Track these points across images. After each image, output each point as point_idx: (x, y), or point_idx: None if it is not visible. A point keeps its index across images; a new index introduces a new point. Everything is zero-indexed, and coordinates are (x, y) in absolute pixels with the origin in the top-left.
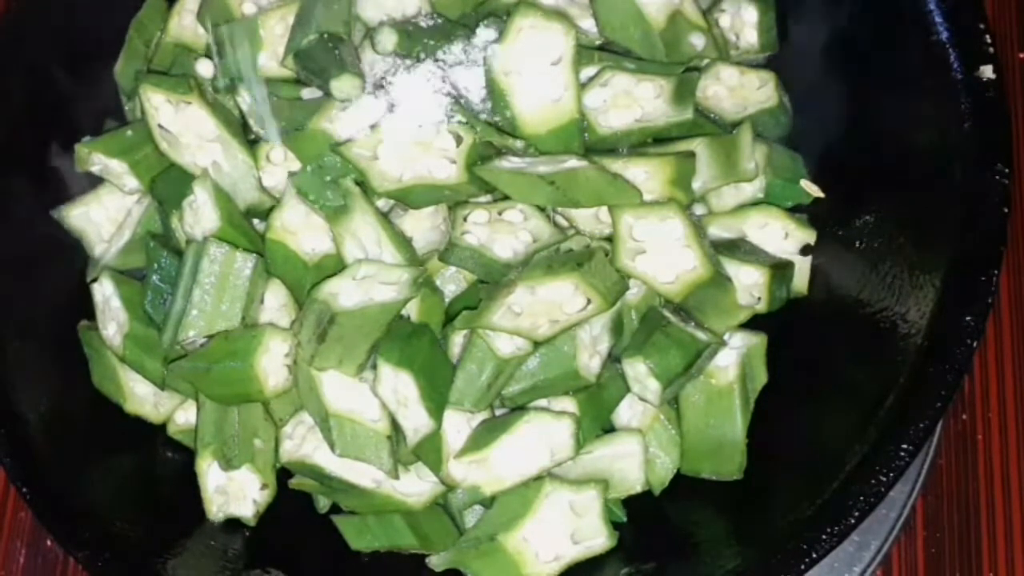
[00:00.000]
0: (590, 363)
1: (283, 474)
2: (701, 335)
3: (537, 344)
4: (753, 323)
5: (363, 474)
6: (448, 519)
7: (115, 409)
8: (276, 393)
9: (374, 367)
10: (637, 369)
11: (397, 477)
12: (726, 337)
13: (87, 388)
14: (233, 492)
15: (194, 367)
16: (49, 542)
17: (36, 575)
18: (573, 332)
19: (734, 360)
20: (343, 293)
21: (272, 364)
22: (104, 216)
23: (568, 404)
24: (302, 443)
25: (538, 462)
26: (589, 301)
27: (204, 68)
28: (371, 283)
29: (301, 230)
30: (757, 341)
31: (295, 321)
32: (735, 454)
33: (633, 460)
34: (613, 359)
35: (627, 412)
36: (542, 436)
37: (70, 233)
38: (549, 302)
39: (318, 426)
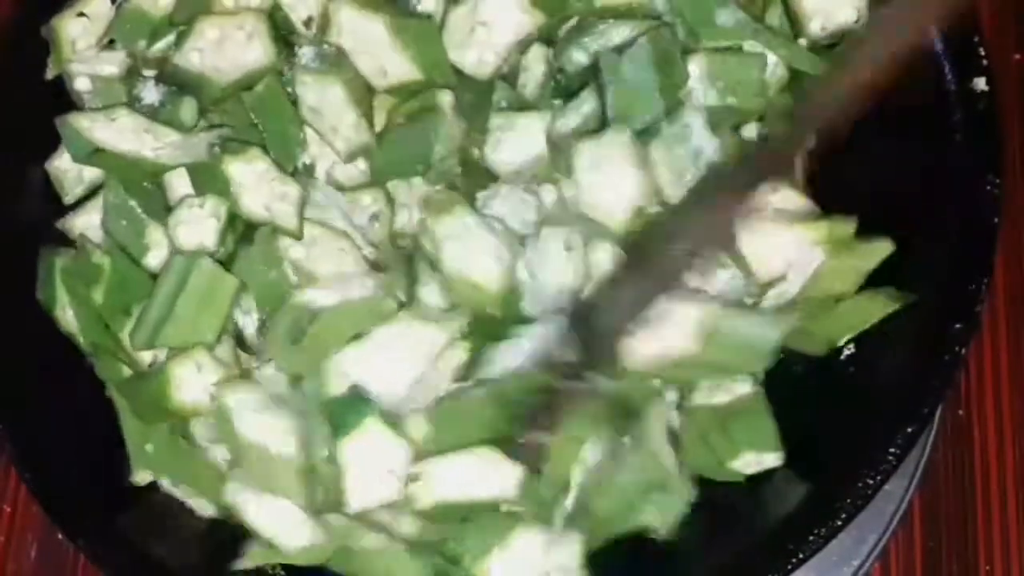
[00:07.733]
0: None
1: None
2: None
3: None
4: None
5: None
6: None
7: None
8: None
9: None
10: None
11: (317, 514)
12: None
13: (94, 381)
14: None
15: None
16: (60, 535)
17: (47, 569)
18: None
19: None
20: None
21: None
22: None
23: None
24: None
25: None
26: None
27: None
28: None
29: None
30: None
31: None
32: None
33: None
34: None
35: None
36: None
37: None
38: None
39: (231, 456)
